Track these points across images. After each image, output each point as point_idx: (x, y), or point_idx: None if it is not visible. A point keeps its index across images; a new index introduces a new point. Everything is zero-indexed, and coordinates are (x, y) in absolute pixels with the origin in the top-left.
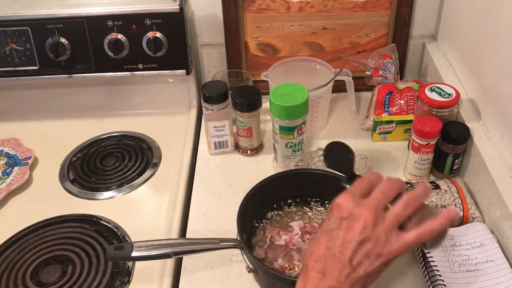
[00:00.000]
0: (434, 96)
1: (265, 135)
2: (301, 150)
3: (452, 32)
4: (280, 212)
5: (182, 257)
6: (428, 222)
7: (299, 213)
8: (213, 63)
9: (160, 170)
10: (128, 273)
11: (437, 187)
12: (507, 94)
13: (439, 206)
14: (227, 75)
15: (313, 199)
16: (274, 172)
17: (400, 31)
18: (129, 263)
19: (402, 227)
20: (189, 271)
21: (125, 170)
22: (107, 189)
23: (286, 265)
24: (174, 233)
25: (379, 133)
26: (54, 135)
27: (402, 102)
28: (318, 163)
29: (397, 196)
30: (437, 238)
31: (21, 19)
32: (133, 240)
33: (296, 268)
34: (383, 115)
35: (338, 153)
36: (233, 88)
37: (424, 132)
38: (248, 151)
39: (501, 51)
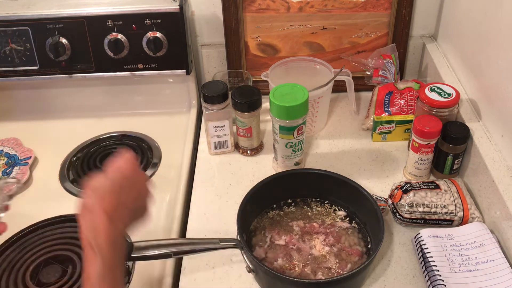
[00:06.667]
0: (434, 96)
1: (265, 135)
2: (301, 150)
3: (452, 32)
4: (280, 212)
5: (182, 257)
6: None
7: (299, 213)
8: (213, 63)
9: (160, 170)
10: (128, 273)
11: (437, 187)
12: (507, 94)
13: (439, 206)
14: (227, 75)
15: (313, 199)
16: (274, 172)
17: (400, 31)
18: (129, 263)
19: None
20: (189, 271)
21: None
22: None
23: (286, 265)
24: (174, 233)
25: (379, 133)
26: (54, 135)
27: (402, 102)
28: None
29: None
30: None
31: (21, 19)
32: (133, 240)
33: (296, 268)
34: (383, 115)
35: None
36: (233, 88)
37: (424, 132)
38: (248, 151)
39: (501, 51)
